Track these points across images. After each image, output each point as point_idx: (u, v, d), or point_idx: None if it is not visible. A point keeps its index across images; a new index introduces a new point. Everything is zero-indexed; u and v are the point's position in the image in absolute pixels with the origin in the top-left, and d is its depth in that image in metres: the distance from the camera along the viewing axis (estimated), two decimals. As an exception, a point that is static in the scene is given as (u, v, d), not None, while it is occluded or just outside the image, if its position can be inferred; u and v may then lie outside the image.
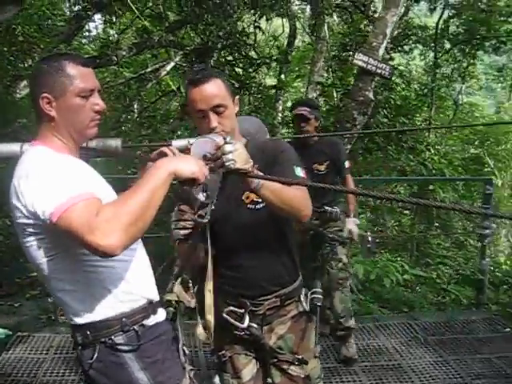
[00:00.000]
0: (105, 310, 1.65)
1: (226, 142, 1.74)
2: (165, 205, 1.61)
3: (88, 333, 1.65)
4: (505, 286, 6.57)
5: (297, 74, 15.63)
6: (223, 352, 2.14)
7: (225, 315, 2.05)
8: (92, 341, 1.65)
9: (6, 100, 6.58)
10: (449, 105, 13.87)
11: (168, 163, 1.62)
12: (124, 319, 1.65)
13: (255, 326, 2.06)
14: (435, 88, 11.50)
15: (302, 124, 3.80)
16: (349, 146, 5.63)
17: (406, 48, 11.62)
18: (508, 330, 4.51)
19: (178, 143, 2.24)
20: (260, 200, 1.96)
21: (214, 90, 1.91)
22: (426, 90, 11.29)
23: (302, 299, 2.13)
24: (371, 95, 5.52)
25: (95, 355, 1.63)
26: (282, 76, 11.14)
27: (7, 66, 6.56)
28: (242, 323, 2.03)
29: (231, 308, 2.05)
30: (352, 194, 4.01)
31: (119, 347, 1.64)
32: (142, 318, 1.69)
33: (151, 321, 1.71)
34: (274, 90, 10.99)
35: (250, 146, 1.95)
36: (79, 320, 1.66)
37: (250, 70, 8.83)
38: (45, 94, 1.64)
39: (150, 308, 1.72)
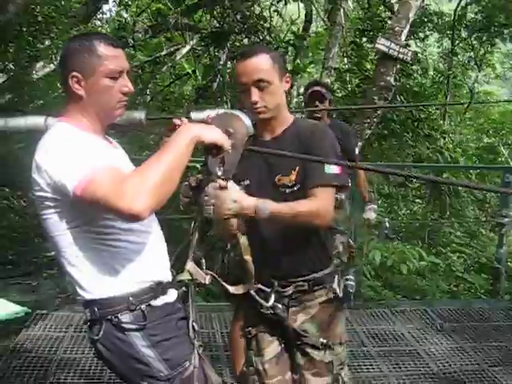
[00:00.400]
0: (112, 288, 1.66)
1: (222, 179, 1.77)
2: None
3: (95, 309, 1.66)
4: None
5: (310, 60, 15.52)
6: (249, 329, 2.17)
7: (252, 293, 2.04)
8: (99, 318, 1.66)
9: (23, 80, 6.59)
10: (464, 93, 13.75)
11: (191, 128, 1.62)
12: (131, 298, 1.66)
13: (280, 306, 2.06)
14: (451, 76, 11.38)
15: (317, 103, 3.74)
16: (368, 131, 5.61)
17: (422, 35, 11.49)
18: (524, 319, 4.50)
19: (197, 115, 2.23)
20: (290, 184, 1.97)
21: (258, 64, 1.91)
22: (441, 78, 11.18)
23: (335, 286, 2.11)
24: (392, 80, 5.48)
25: (101, 332, 1.65)
26: (298, 61, 11.04)
27: (25, 47, 6.55)
28: (267, 302, 2.03)
29: (259, 286, 2.05)
30: (362, 181, 4.00)
31: (125, 326, 1.65)
32: (150, 298, 1.69)
33: (160, 301, 1.71)
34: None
35: (290, 131, 1.99)
36: (87, 296, 1.67)
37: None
38: (74, 73, 1.64)
39: (159, 289, 1.72)
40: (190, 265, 1.83)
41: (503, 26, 10.94)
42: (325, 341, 2.08)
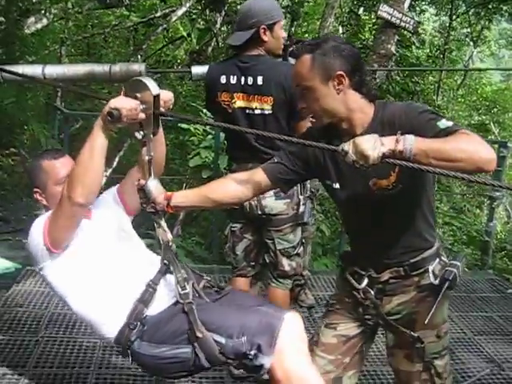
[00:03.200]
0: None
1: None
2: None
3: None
4: (502, 252, 6.66)
5: (304, 30, 15.34)
6: (333, 302, 2.09)
7: (347, 274, 2.01)
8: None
9: (15, 35, 6.43)
10: (458, 69, 13.71)
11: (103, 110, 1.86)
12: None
13: (372, 292, 1.97)
14: (447, 51, 11.34)
15: None
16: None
17: (418, 9, 11.38)
18: (510, 291, 4.58)
19: (197, 70, 2.21)
20: (390, 187, 1.80)
21: (297, 68, 1.81)
22: (437, 52, 11.14)
23: (431, 270, 1.92)
24: (393, 49, 5.44)
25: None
26: (293, 29, 10.92)
27: (17, 1, 6.37)
28: (360, 284, 1.98)
29: (355, 268, 2.00)
30: None
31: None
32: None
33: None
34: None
35: (376, 121, 1.79)
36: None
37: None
38: (35, 189, 2.19)
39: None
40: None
41: (502, 2, 10.86)
42: (416, 335, 1.94)
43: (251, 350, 1.82)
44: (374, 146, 1.51)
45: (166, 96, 1.96)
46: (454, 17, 11.57)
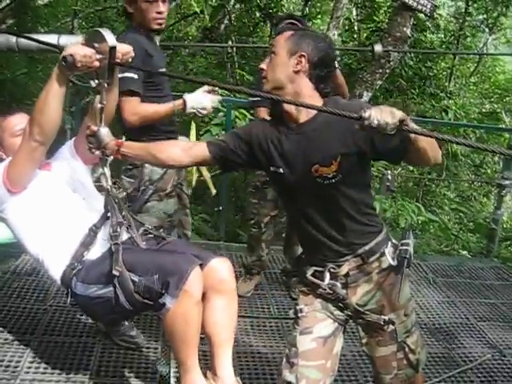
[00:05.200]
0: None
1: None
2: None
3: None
4: (508, 242, 6.65)
5: (318, 11, 15.16)
6: (301, 307, 2.06)
7: (309, 276, 2.02)
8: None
9: (27, 5, 6.40)
10: (472, 56, 13.52)
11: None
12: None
13: (338, 284, 1.99)
14: (461, 37, 11.18)
15: None
16: (379, 82, 5.55)
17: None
18: (515, 279, 4.59)
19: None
20: (330, 175, 1.87)
21: (278, 37, 1.97)
22: (452, 38, 10.98)
23: (387, 253, 2.00)
24: (409, 32, 5.37)
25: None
26: (307, 9, 10.79)
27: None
28: (323, 281, 1.99)
29: (314, 268, 2.02)
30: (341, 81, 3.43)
31: None
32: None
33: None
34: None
35: (323, 116, 1.88)
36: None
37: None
38: None
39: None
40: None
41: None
42: (387, 318, 2.00)
43: (162, 288, 1.94)
44: (393, 113, 1.57)
45: (124, 49, 2.09)
46: (471, 2, 11.37)
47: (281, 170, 1.96)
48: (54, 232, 2.26)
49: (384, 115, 1.55)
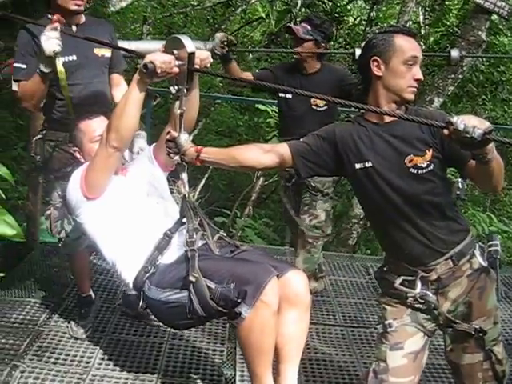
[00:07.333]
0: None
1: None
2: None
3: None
4: None
5: (384, 14, 14.92)
6: (390, 322, 2.00)
7: (397, 285, 1.98)
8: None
9: (102, 12, 6.60)
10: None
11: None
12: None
13: (430, 293, 1.95)
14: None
15: (294, 44, 3.28)
16: (451, 88, 5.39)
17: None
18: None
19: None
20: (424, 165, 1.87)
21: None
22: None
23: (477, 254, 1.98)
24: (484, 36, 5.17)
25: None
26: (373, 13, 10.62)
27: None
28: (414, 289, 1.95)
29: (402, 277, 1.98)
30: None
31: None
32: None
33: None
34: (361, 28, 10.52)
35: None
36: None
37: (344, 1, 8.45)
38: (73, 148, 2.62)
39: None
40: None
41: None
42: (478, 327, 1.92)
43: (238, 297, 1.91)
44: (481, 120, 1.56)
45: (202, 55, 2.10)
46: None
47: (370, 164, 1.93)
48: (128, 236, 2.26)
49: (472, 120, 1.53)
